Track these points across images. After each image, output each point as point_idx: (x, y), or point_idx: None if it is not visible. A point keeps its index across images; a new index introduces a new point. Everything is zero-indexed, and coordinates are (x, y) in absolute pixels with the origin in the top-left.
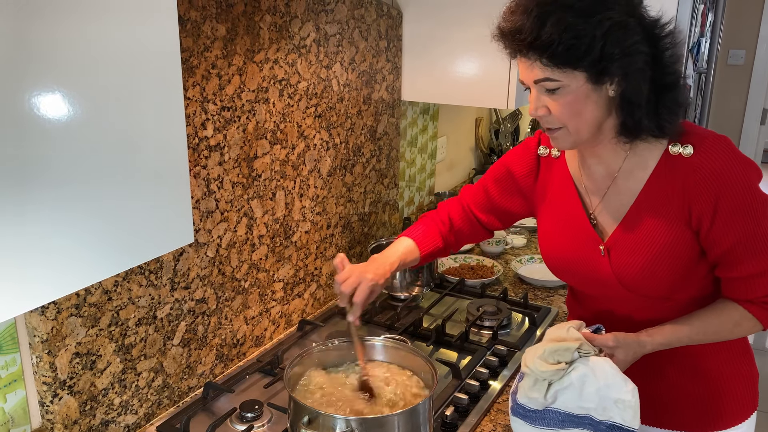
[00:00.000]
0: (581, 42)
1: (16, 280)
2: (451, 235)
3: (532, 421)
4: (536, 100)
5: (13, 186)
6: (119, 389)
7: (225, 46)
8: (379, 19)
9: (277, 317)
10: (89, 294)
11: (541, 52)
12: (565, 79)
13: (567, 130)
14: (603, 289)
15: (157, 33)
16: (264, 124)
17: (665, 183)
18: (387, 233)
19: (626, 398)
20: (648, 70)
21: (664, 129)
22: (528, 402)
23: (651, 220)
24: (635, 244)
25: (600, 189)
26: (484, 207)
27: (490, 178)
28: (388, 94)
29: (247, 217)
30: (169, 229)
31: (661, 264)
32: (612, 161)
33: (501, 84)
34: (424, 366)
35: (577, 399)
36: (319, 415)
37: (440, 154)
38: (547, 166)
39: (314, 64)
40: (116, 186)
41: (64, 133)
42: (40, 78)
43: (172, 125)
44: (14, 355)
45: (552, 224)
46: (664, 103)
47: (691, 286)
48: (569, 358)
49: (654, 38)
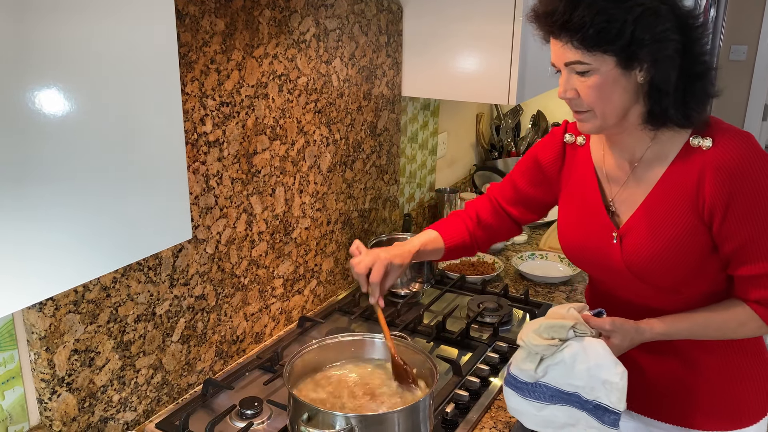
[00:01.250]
0: (612, 26)
1: (14, 275)
2: (479, 230)
3: (523, 393)
4: (566, 83)
5: (11, 181)
6: (118, 386)
7: (224, 41)
8: (379, 14)
9: (277, 314)
10: (87, 290)
11: (573, 34)
12: (595, 62)
13: (594, 114)
14: (614, 278)
15: (155, 28)
16: (263, 119)
17: (682, 174)
18: (387, 230)
19: (614, 380)
20: (677, 58)
21: (691, 118)
22: (519, 373)
23: (665, 210)
24: (647, 233)
25: (620, 177)
26: (511, 199)
27: (517, 170)
28: (389, 90)
29: (246, 213)
30: (167, 225)
31: (671, 254)
32: (635, 149)
33: (502, 79)
34: (424, 363)
35: (567, 376)
36: (318, 412)
37: (441, 150)
38: (572, 154)
39: (314, 59)
40: (114, 182)
41: (62, 129)
42: (39, 74)
43: (170, 121)
44: (12, 352)
45: (570, 211)
46: (693, 93)
47: (703, 281)
48: (564, 335)
49: (686, 27)
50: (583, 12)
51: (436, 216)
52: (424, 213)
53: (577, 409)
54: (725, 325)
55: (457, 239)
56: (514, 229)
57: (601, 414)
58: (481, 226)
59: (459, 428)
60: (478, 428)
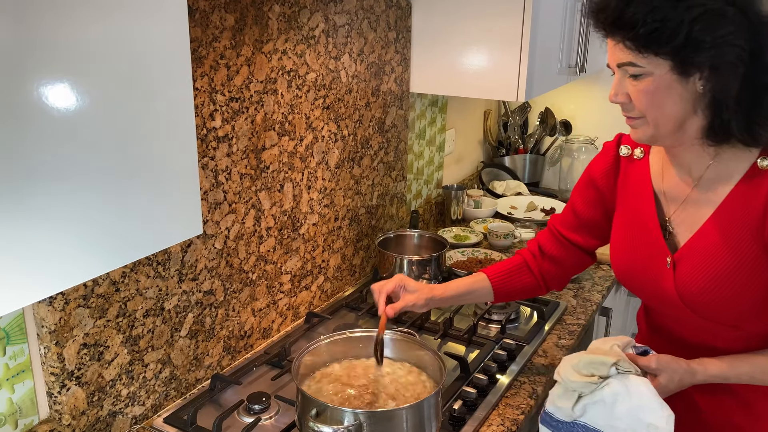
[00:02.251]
0: (666, 26)
1: (24, 270)
2: (545, 263)
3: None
4: (618, 85)
5: (21, 177)
6: (127, 380)
7: (233, 37)
8: (388, 10)
9: (285, 309)
10: (97, 285)
11: (625, 33)
12: (649, 65)
13: (646, 121)
14: (667, 307)
15: (167, 23)
16: (272, 115)
17: (747, 198)
18: (395, 226)
19: (659, 424)
20: (741, 66)
21: (757, 136)
22: (555, 411)
23: (725, 236)
24: (703, 260)
25: (679, 196)
26: (572, 226)
27: (575, 193)
28: (397, 86)
29: (255, 208)
30: (178, 221)
31: (730, 286)
32: (694, 167)
33: (511, 76)
34: (432, 360)
35: (607, 417)
36: (327, 408)
37: (448, 146)
38: (628, 167)
39: (323, 55)
40: (126, 177)
41: (73, 124)
42: (48, 68)
43: (182, 116)
44: (22, 346)
45: (623, 228)
46: (760, 107)
47: (764, 318)
48: (604, 373)
49: (757, 33)
50: (635, 9)
51: (443, 213)
52: (431, 210)
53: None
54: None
55: (511, 279)
56: (585, 259)
57: None
58: (547, 258)
59: (466, 425)
60: (486, 425)
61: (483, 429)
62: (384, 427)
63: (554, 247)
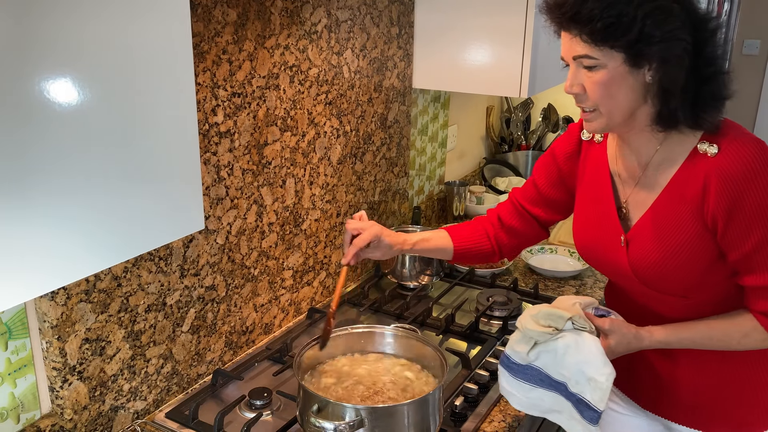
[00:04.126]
0: (621, 21)
1: (26, 266)
2: (502, 234)
3: (514, 373)
4: (573, 77)
5: (23, 172)
6: (128, 375)
7: (236, 32)
8: (390, 5)
9: (287, 305)
10: (99, 280)
11: (582, 27)
12: (603, 57)
13: (599, 113)
14: (623, 281)
15: (169, 18)
16: (274, 110)
17: (689, 180)
18: (397, 222)
19: (600, 379)
20: (687, 58)
21: (700, 122)
22: (512, 354)
23: (671, 215)
24: (653, 238)
25: (632, 179)
26: (534, 200)
27: (537, 169)
28: (399, 82)
29: (257, 204)
30: (180, 216)
31: (677, 261)
32: (644, 151)
33: (513, 72)
34: (433, 356)
35: (556, 364)
36: (328, 403)
37: (451, 142)
38: (589, 149)
39: (325, 50)
40: (126, 172)
41: (75, 119)
42: (49, 63)
43: (184, 111)
44: (24, 341)
45: (584, 209)
46: (703, 95)
47: (711, 288)
48: (560, 325)
49: (698, 28)
50: (592, 5)
51: (445, 209)
52: (434, 206)
53: (563, 398)
54: (728, 336)
55: (470, 242)
56: (541, 233)
57: (582, 408)
58: (504, 229)
59: (468, 421)
60: (487, 421)
61: (484, 425)
62: (385, 422)
63: (514, 219)
